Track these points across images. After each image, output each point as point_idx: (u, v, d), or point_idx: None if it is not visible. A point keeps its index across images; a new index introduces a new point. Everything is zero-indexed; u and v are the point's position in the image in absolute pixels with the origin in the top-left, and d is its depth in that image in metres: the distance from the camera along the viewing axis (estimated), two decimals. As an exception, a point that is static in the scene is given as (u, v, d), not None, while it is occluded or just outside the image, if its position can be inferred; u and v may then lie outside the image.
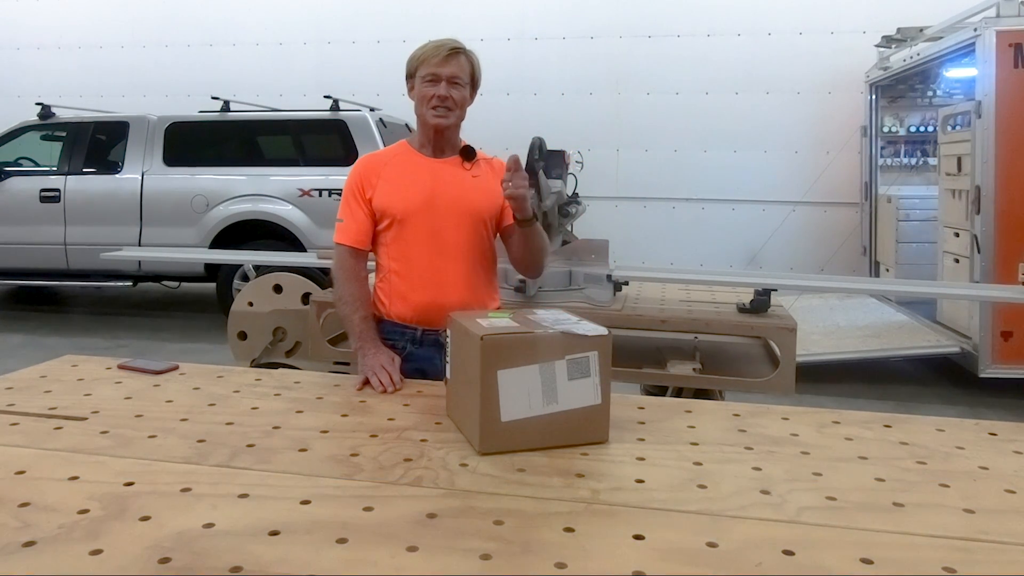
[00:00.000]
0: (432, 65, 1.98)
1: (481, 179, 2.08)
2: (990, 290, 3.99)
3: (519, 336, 1.41)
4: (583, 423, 1.43)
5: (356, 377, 1.87)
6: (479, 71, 2.08)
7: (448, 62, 1.98)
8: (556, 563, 1.00)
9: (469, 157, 2.09)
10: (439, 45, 2.00)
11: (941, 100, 6.49)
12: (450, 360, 1.58)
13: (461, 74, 2.00)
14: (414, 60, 2.03)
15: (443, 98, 1.98)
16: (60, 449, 1.38)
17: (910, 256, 6.09)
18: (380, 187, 2.05)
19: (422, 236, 2.02)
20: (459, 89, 2.01)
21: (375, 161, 2.12)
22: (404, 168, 2.07)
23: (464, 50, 2.03)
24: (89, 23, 8.78)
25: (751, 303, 3.08)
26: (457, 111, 2.02)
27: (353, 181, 2.10)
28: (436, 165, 2.07)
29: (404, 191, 2.03)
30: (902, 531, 1.11)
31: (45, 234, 6.39)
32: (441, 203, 2.02)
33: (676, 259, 7.27)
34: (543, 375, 1.40)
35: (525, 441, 1.40)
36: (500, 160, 2.14)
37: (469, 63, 2.04)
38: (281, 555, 1.01)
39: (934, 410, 4.31)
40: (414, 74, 2.04)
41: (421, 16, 7.98)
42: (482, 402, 1.38)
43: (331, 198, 6.03)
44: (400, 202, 2.02)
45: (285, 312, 3.69)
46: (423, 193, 2.02)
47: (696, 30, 7.49)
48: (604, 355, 1.44)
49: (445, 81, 1.98)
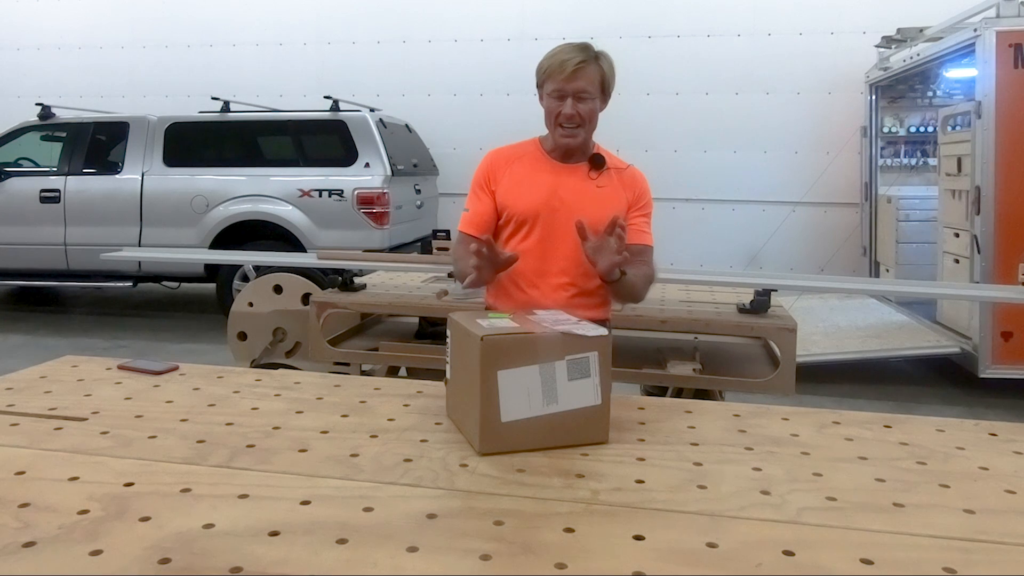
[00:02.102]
0: (558, 81, 1.91)
1: (606, 190, 2.02)
2: (990, 290, 3.99)
3: (519, 337, 1.41)
4: (583, 423, 1.43)
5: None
6: (611, 75, 1.98)
7: (575, 77, 1.90)
8: (556, 563, 1.00)
9: (597, 167, 2.03)
10: (565, 60, 1.90)
11: (941, 100, 6.49)
12: (450, 361, 1.58)
13: (589, 87, 1.92)
14: (541, 71, 1.96)
15: (569, 116, 1.92)
16: (60, 449, 1.38)
17: (910, 256, 6.08)
18: (503, 183, 2.02)
19: (533, 240, 1.99)
20: (587, 103, 1.93)
21: (505, 155, 2.08)
22: (530, 169, 2.03)
23: (592, 58, 1.93)
24: (89, 23, 8.78)
25: (751, 303, 3.08)
26: (586, 126, 1.96)
27: (480, 172, 2.06)
28: (561, 171, 2.02)
29: (525, 193, 2.00)
30: (902, 531, 1.11)
31: (45, 234, 6.39)
32: (558, 211, 1.97)
33: (676, 259, 7.25)
34: (543, 375, 1.40)
35: (525, 441, 1.40)
36: (634, 171, 2.09)
37: (599, 71, 1.94)
38: (281, 555, 1.01)
39: (934, 410, 4.31)
40: (541, 85, 1.97)
41: (421, 16, 7.98)
42: (482, 402, 1.38)
43: (331, 199, 6.04)
44: (519, 203, 2.00)
45: (285, 312, 3.69)
46: (541, 198, 1.98)
47: (696, 31, 7.49)
48: (604, 356, 1.43)
49: (572, 97, 1.91)
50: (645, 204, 2.09)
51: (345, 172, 6.09)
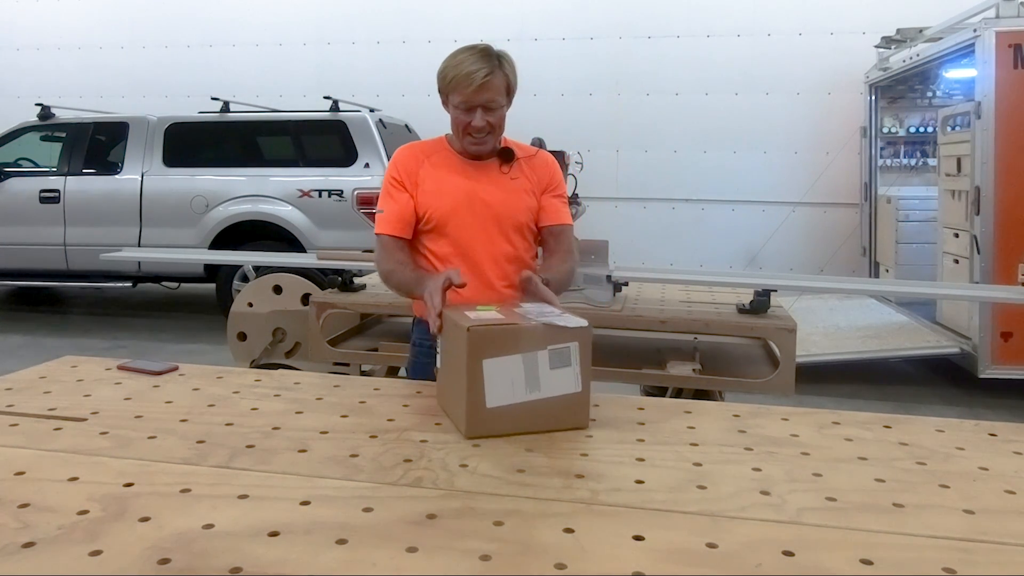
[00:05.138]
0: (465, 94, 1.86)
1: (519, 181, 2.01)
2: (990, 291, 3.99)
3: (504, 327, 1.50)
4: (564, 410, 1.52)
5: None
6: (515, 78, 1.94)
7: (483, 90, 1.86)
8: (556, 564, 0.99)
9: (507, 160, 2.02)
10: (471, 72, 1.84)
11: (941, 101, 6.49)
12: (440, 351, 1.67)
13: (497, 96, 1.89)
14: (444, 80, 1.89)
15: (480, 128, 1.90)
16: (60, 450, 1.38)
17: (910, 257, 6.09)
18: (424, 184, 1.99)
19: (454, 239, 1.98)
20: (495, 112, 1.91)
21: (418, 152, 2.04)
22: (445, 170, 2.00)
23: (497, 68, 1.88)
24: (89, 23, 8.78)
25: (751, 304, 3.08)
26: (495, 133, 1.95)
27: (395, 169, 2.02)
28: (474, 171, 2.00)
29: (443, 195, 1.97)
30: (902, 532, 1.11)
31: (45, 235, 6.39)
32: (477, 210, 1.96)
33: (676, 260, 7.27)
34: (526, 364, 1.48)
35: (509, 426, 1.48)
36: (543, 154, 2.07)
37: (504, 78, 1.90)
38: (281, 556, 1.01)
39: (934, 411, 4.31)
40: (445, 94, 1.92)
41: (420, 16, 7.98)
42: (468, 389, 1.46)
43: (331, 199, 6.04)
44: (438, 205, 1.97)
45: (285, 313, 3.69)
46: (460, 200, 1.96)
47: (696, 31, 7.49)
48: (584, 346, 1.52)
49: (480, 108, 1.88)
50: (558, 185, 2.09)
51: (345, 172, 6.09)
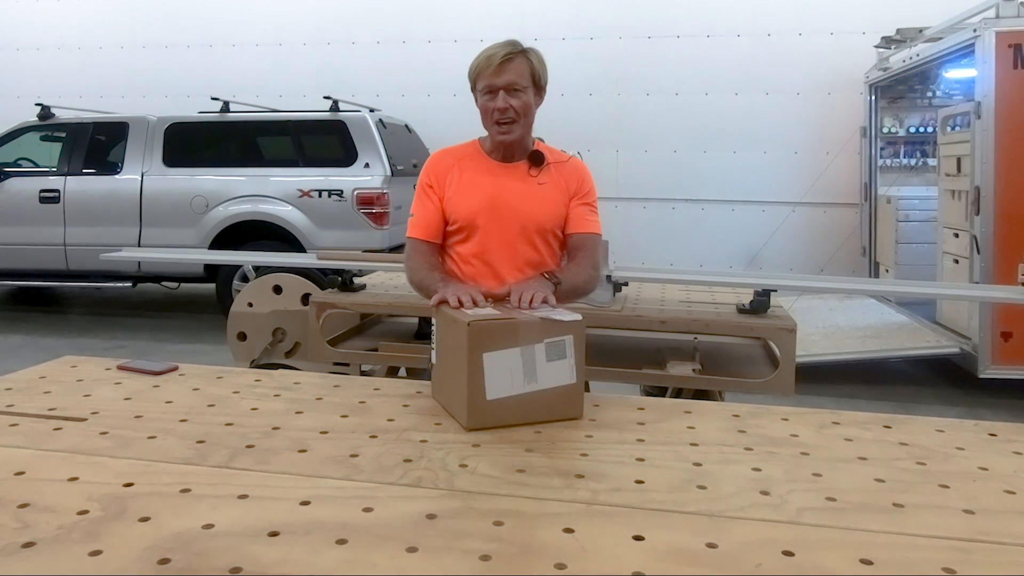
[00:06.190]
0: (487, 76, 1.89)
1: (546, 187, 2.01)
2: (990, 291, 3.99)
3: (502, 322, 1.55)
4: (560, 400, 1.57)
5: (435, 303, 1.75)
6: (542, 68, 1.95)
7: (503, 70, 1.88)
8: (556, 564, 1.00)
9: (537, 163, 2.01)
10: (491, 54, 1.89)
11: (941, 101, 6.49)
12: (435, 346, 1.70)
13: (520, 79, 1.90)
14: (472, 71, 1.94)
15: (503, 110, 1.90)
16: (59, 450, 1.38)
17: (910, 257, 6.08)
18: (451, 186, 2.01)
19: (479, 243, 1.98)
20: (519, 96, 1.91)
21: (449, 156, 2.06)
22: (472, 171, 2.01)
23: (519, 52, 1.91)
24: (89, 23, 8.78)
25: (751, 304, 3.08)
26: (521, 120, 1.93)
27: (426, 174, 2.05)
28: (501, 172, 2.00)
29: (468, 197, 1.98)
30: (902, 532, 1.11)
31: (45, 235, 6.39)
32: (501, 212, 1.96)
33: (676, 260, 7.26)
34: (524, 357, 1.54)
35: (508, 417, 1.53)
36: (575, 161, 2.08)
37: (527, 63, 1.92)
38: (281, 556, 1.01)
39: (934, 411, 4.31)
40: (474, 86, 1.96)
41: (421, 17, 7.97)
42: (469, 382, 1.51)
43: (331, 199, 6.03)
44: (463, 207, 1.98)
45: (285, 313, 3.69)
46: (484, 201, 1.97)
47: (696, 31, 7.48)
48: (579, 339, 1.58)
49: (503, 91, 1.89)
50: (587, 193, 2.08)
51: (345, 172, 6.08)
